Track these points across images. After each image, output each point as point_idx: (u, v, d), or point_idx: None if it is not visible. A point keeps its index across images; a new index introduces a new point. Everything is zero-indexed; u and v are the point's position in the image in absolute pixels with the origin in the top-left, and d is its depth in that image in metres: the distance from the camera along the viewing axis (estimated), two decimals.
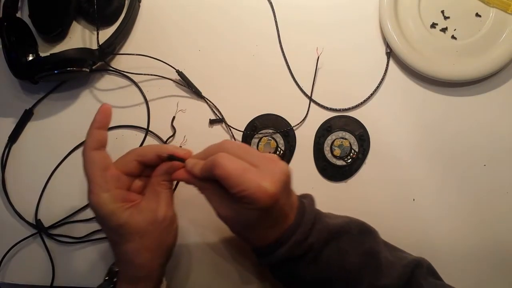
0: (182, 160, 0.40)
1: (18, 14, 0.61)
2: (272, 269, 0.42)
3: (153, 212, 0.40)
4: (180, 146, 0.56)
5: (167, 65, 0.57)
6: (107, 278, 0.43)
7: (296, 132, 0.55)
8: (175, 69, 0.57)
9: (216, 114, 0.56)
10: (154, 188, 0.41)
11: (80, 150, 0.57)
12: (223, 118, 0.56)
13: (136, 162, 0.42)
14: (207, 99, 0.57)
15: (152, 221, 0.40)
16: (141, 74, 0.58)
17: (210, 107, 0.57)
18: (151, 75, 0.57)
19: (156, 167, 0.42)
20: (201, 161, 0.39)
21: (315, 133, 0.55)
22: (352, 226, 0.41)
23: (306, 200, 0.42)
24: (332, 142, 0.54)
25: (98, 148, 0.41)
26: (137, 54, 0.58)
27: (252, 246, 0.42)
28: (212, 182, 0.38)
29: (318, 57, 0.55)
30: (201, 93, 0.57)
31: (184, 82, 0.57)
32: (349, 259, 0.39)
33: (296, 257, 0.39)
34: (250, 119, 0.56)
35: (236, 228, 0.40)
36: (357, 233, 0.41)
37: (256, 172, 0.36)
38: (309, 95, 0.56)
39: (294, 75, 0.57)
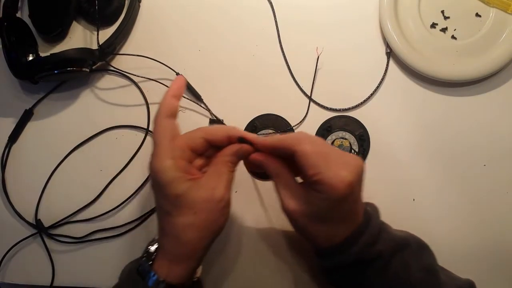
0: (251, 144, 0.41)
1: (18, 14, 0.61)
2: (332, 273, 0.41)
3: (212, 191, 0.39)
4: None
5: (168, 67, 0.57)
6: (144, 257, 0.41)
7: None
8: (175, 72, 0.57)
9: (215, 117, 0.56)
10: (218, 167, 0.40)
11: (80, 150, 0.57)
12: (222, 120, 0.56)
13: (203, 140, 0.41)
14: (206, 105, 0.57)
15: (209, 199, 0.39)
16: (141, 76, 0.58)
17: (209, 112, 0.56)
18: (152, 79, 0.57)
19: (221, 148, 0.41)
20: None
21: (315, 133, 0.55)
22: (411, 240, 0.41)
23: (370, 207, 0.41)
24: (332, 142, 0.54)
25: (169, 116, 0.41)
26: (137, 55, 0.58)
27: (316, 246, 0.40)
28: (286, 170, 0.39)
29: (318, 57, 0.55)
30: (200, 96, 0.57)
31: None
32: (413, 274, 0.39)
33: (365, 261, 0.38)
34: (250, 119, 0.56)
35: (303, 222, 0.38)
36: (416, 248, 0.41)
37: (334, 160, 0.36)
38: (309, 95, 0.56)
39: (294, 75, 0.57)
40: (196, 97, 0.57)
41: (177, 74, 0.57)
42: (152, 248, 0.42)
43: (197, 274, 0.44)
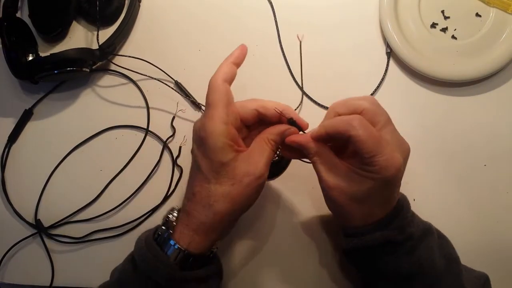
0: (300, 129, 0.41)
1: (18, 14, 0.61)
2: (359, 253, 0.41)
3: (254, 166, 0.39)
4: (180, 147, 0.56)
5: (168, 68, 0.57)
6: (163, 226, 0.41)
7: None
8: (174, 79, 0.57)
9: None
10: (262, 144, 0.40)
11: (79, 150, 0.57)
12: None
13: (256, 112, 0.41)
14: (203, 111, 0.56)
15: (250, 173, 0.38)
16: (141, 74, 0.57)
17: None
18: (152, 78, 0.57)
19: (267, 126, 0.41)
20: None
21: None
22: (433, 229, 0.42)
23: (401, 195, 0.42)
24: None
25: (227, 81, 0.40)
26: (137, 58, 0.57)
27: (348, 224, 0.40)
28: (327, 149, 0.39)
29: (301, 43, 0.55)
30: (197, 102, 0.57)
31: (182, 92, 0.57)
32: (436, 259, 0.40)
33: (396, 242, 0.38)
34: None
35: (342, 200, 0.38)
36: (437, 236, 0.42)
37: (387, 142, 0.37)
38: (309, 95, 0.56)
39: (294, 75, 0.57)
40: (194, 104, 0.57)
41: (176, 82, 0.57)
42: (172, 216, 0.42)
43: (216, 246, 0.43)
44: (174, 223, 0.41)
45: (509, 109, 0.53)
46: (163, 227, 0.41)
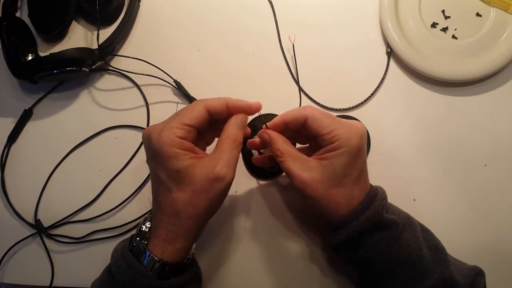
0: (266, 125, 0.44)
1: (18, 14, 0.61)
2: (351, 244, 0.41)
3: (212, 169, 0.38)
4: None
5: (167, 68, 0.57)
6: (138, 237, 0.41)
7: None
8: (173, 79, 0.57)
9: None
10: (221, 144, 0.40)
11: (79, 150, 0.57)
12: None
13: (205, 112, 0.41)
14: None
15: (209, 177, 0.38)
16: (141, 74, 0.57)
17: None
18: (152, 76, 0.57)
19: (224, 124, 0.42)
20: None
21: None
22: (415, 220, 0.43)
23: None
24: None
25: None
26: (136, 58, 0.57)
27: (334, 215, 0.40)
28: (292, 147, 0.41)
29: (293, 45, 0.56)
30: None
31: (181, 92, 0.57)
32: (423, 249, 0.40)
33: (383, 224, 0.39)
34: (250, 119, 0.55)
35: (322, 189, 0.39)
36: (420, 228, 0.42)
37: (342, 120, 0.40)
38: (309, 94, 0.56)
39: (294, 75, 0.57)
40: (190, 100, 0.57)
41: (175, 81, 0.57)
42: (145, 227, 0.42)
43: (191, 253, 0.44)
44: (148, 234, 0.41)
45: (509, 109, 0.53)
46: (137, 238, 0.41)
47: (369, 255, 0.40)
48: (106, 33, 0.58)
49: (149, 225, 0.42)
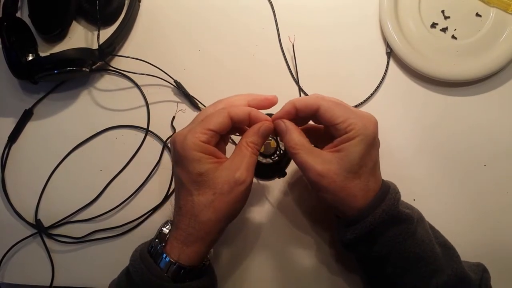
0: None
1: (18, 14, 0.61)
2: (360, 239, 0.40)
3: (233, 173, 0.39)
4: None
5: (168, 68, 0.57)
6: (157, 239, 0.42)
7: None
8: (173, 79, 0.57)
9: None
10: (241, 149, 0.41)
11: (79, 150, 0.57)
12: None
13: (228, 119, 0.41)
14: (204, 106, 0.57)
15: (230, 180, 0.39)
16: (141, 74, 0.57)
17: None
18: (152, 76, 0.57)
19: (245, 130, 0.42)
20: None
21: None
22: (424, 218, 0.43)
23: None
24: None
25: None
26: (136, 59, 0.57)
27: (351, 209, 0.40)
28: (306, 140, 0.41)
29: (293, 45, 0.55)
30: (197, 103, 0.57)
31: (181, 92, 0.57)
32: (435, 245, 0.40)
33: (400, 218, 0.39)
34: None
35: (340, 181, 0.38)
36: (429, 226, 0.43)
37: (354, 109, 0.40)
38: (309, 95, 0.56)
39: (294, 75, 0.57)
40: (194, 105, 0.57)
41: (175, 82, 0.57)
42: (165, 229, 0.42)
43: (208, 259, 0.44)
44: (167, 236, 0.42)
45: (509, 109, 0.53)
46: (156, 240, 0.42)
47: (384, 250, 0.40)
48: (106, 33, 0.58)
49: (169, 228, 0.42)
